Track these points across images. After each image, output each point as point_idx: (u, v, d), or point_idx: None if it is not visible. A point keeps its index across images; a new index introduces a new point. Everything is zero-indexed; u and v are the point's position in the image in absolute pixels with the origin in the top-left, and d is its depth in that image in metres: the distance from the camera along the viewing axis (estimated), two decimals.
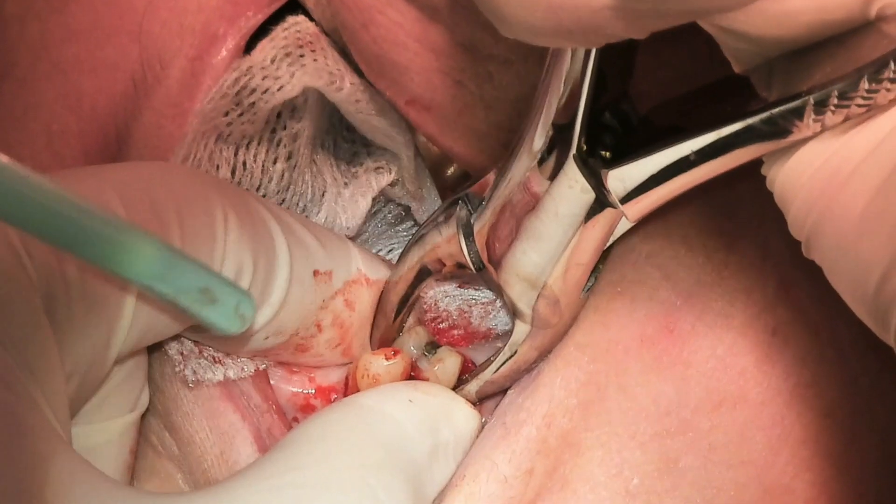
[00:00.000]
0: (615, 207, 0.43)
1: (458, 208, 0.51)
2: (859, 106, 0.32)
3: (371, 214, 0.60)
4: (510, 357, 0.51)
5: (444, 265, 0.53)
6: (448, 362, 0.54)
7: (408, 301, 0.55)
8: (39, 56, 0.52)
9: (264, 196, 0.55)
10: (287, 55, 0.53)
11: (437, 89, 0.50)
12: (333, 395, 0.56)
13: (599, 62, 0.43)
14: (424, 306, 0.57)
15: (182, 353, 0.52)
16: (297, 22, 0.53)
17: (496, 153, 0.51)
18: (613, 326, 0.49)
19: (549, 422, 0.48)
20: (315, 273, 0.52)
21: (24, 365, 0.39)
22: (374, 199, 0.58)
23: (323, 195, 0.58)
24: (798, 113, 0.33)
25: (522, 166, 0.46)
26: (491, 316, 0.56)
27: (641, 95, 0.45)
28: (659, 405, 0.47)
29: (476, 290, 0.56)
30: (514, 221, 0.47)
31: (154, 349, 0.52)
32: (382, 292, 0.55)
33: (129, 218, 0.43)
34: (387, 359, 0.54)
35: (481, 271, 0.51)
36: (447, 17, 0.48)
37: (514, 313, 0.50)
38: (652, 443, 0.47)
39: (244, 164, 0.54)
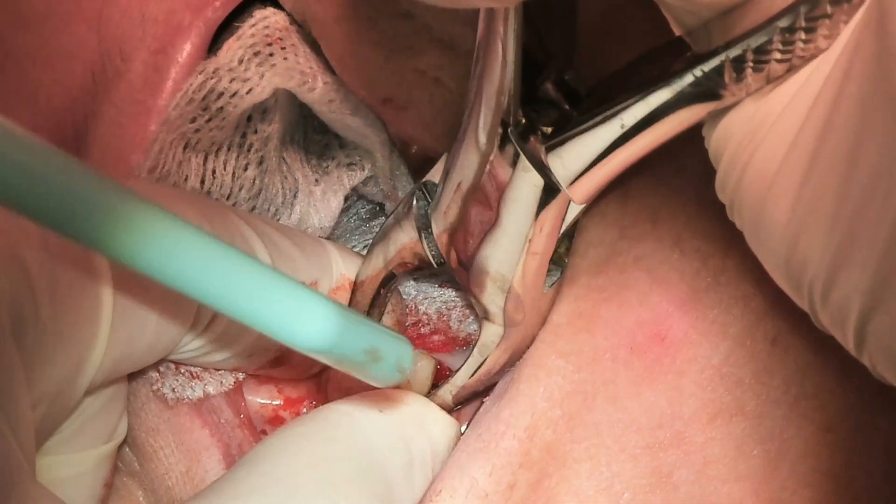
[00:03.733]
0: (559, 188, 0.42)
1: (414, 201, 0.49)
2: (778, 61, 0.32)
3: (343, 210, 0.58)
4: (483, 362, 0.49)
5: (410, 264, 0.51)
6: (421, 366, 0.52)
7: (375, 303, 0.53)
8: None
9: (234, 203, 0.53)
10: (255, 55, 0.51)
11: (415, 88, 0.48)
12: (302, 408, 0.54)
13: (539, 34, 0.42)
14: (406, 309, 0.55)
15: (159, 370, 0.50)
16: (265, 16, 0.51)
17: None
18: (600, 333, 0.47)
19: (532, 434, 0.47)
20: None
21: None
22: (345, 196, 0.57)
23: (295, 196, 0.56)
24: (719, 72, 0.33)
25: (471, 156, 0.44)
26: (470, 320, 0.55)
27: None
28: (651, 417, 0.45)
29: (457, 290, 0.55)
30: (477, 221, 0.45)
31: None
32: (351, 296, 0.53)
33: None
34: None
35: (443, 265, 0.49)
36: (424, 13, 0.46)
37: (483, 314, 0.48)
38: (643, 456, 0.45)
39: (213, 172, 0.52)
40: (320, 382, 0.54)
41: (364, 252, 0.58)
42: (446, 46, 0.47)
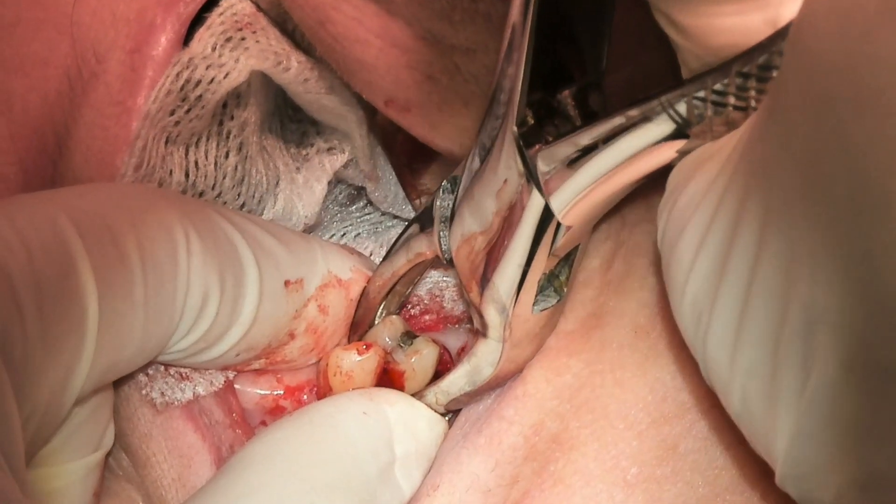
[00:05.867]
0: (542, 194, 0.41)
1: (441, 192, 0.49)
2: (735, 108, 0.32)
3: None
4: (474, 378, 0.49)
5: (427, 263, 0.51)
6: (425, 353, 0.52)
7: (391, 297, 0.53)
8: None
9: (220, 193, 0.53)
10: (228, 40, 0.50)
11: (410, 87, 0.47)
12: (303, 395, 0.54)
13: (574, 48, 0.42)
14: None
15: (147, 374, 0.50)
16: (231, 4, 0.51)
17: None
18: (607, 326, 0.47)
19: (539, 429, 0.47)
20: (286, 283, 0.49)
21: None
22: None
23: (277, 183, 0.55)
24: (685, 110, 0.34)
25: (511, 173, 0.43)
26: (463, 299, 0.54)
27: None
28: (655, 393, 0.45)
29: (445, 270, 0.55)
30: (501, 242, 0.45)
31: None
32: (366, 291, 0.53)
33: (86, 248, 0.42)
34: (359, 353, 0.52)
35: (451, 262, 0.49)
36: (404, 8, 0.46)
37: (481, 327, 0.48)
38: (649, 430, 0.45)
39: (196, 163, 0.52)
40: (319, 368, 0.54)
41: (343, 240, 0.58)
42: (430, 41, 0.46)
